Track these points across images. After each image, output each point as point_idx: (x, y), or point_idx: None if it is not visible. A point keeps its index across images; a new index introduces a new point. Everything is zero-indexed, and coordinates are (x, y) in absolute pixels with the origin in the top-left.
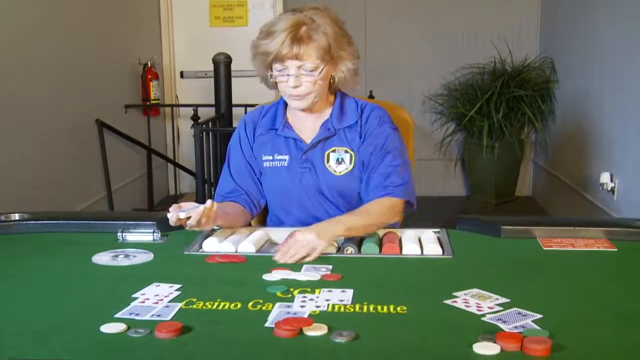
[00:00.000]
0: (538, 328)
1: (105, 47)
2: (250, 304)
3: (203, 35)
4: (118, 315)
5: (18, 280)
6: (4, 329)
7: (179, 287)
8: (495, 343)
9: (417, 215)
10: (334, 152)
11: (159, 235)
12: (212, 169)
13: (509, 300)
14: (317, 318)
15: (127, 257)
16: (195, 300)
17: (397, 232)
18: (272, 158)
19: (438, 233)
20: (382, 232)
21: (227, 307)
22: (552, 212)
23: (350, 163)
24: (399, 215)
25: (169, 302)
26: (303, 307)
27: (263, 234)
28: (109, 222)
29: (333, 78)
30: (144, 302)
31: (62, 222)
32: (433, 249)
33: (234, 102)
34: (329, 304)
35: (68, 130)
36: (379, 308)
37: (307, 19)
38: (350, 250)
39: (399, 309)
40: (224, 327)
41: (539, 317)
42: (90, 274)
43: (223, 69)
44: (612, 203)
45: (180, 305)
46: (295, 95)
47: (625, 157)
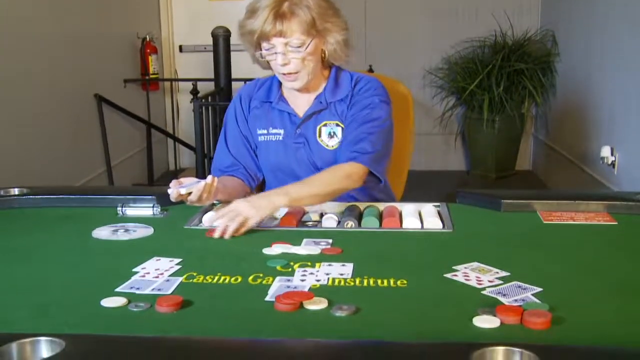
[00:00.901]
0: (538, 301)
1: (104, 21)
2: (251, 278)
3: (202, 9)
4: (118, 290)
5: (18, 255)
6: (5, 303)
7: (179, 261)
8: (495, 316)
9: (417, 189)
10: (325, 126)
11: (159, 210)
12: (211, 144)
13: (509, 274)
14: (317, 292)
15: (127, 231)
16: (196, 275)
17: (397, 206)
18: (266, 132)
19: (438, 207)
20: (382, 206)
21: (227, 281)
22: (552, 186)
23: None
24: (359, 183)
25: (170, 276)
26: (303, 281)
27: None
28: (109, 196)
29: (324, 52)
30: (144, 276)
31: (61, 196)
32: (433, 223)
33: (234, 76)
34: (329, 278)
35: (67, 105)
36: (379, 282)
37: None
38: (350, 224)
39: (399, 283)
40: (225, 301)
41: (539, 290)
42: (90, 249)
43: (222, 43)
44: (612, 177)
45: (181, 279)
46: (287, 74)
47: (626, 130)
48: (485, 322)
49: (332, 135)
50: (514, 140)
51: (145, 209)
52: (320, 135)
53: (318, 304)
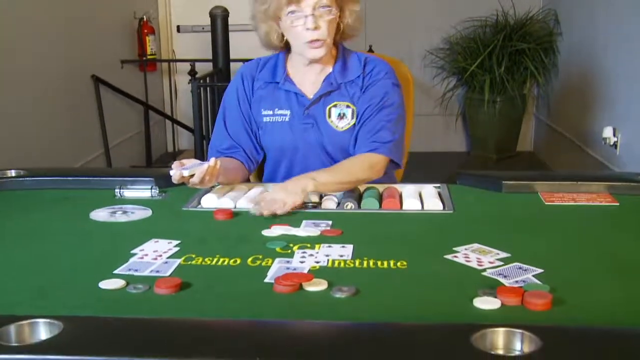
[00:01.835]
0: (539, 282)
1: (100, 1)
2: (250, 260)
3: None
4: (117, 272)
5: (16, 237)
6: (2, 285)
7: (178, 243)
8: (496, 297)
9: (417, 171)
10: (335, 107)
11: (157, 192)
12: (210, 125)
13: (510, 255)
14: (317, 273)
15: (125, 213)
16: (195, 256)
17: (397, 187)
18: (272, 113)
19: (439, 188)
20: (382, 187)
21: (226, 263)
22: (553, 167)
23: (352, 118)
24: (380, 173)
25: (168, 258)
26: (303, 262)
27: (262, 190)
28: (107, 178)
29: (339, 26)
30: (143, 258)
31: (59, 178)
32: (434, 204)
33: (232, 56)
34: (329, 260)
35: (64, 87)
36: (379, 263)
37: None
38: (350, 206)
39: (399, 264)
40: (223, 282)
41: (540, 271)
42: (88, 230)
43: (220, 23)
44: (614, 158)
45: (179, 261)
46: (315, 41)
47: (629, 111)
48: (486, 303)
49: (341, 117)
50: (515, 121)
51: (144, 191)
52: (330, 116)
53: (318, 286)
